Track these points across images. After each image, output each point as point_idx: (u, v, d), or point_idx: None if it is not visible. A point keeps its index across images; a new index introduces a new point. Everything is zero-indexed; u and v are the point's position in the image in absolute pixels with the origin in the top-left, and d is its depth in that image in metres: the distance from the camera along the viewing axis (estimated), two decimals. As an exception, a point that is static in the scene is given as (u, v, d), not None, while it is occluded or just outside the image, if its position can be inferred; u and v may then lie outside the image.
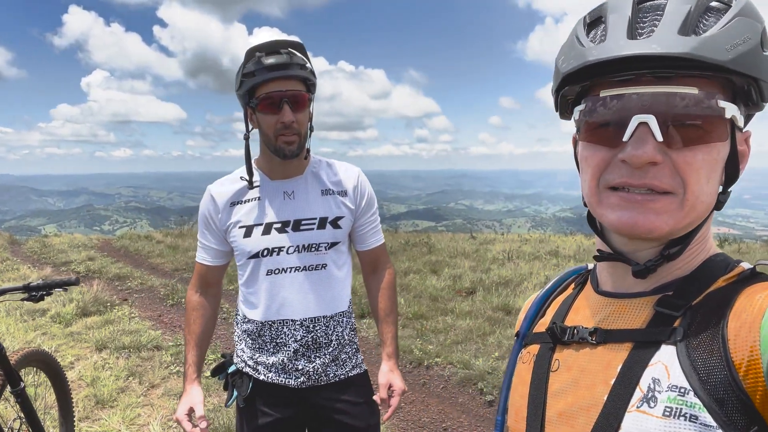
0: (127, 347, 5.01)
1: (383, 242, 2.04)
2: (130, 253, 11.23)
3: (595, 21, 0.71)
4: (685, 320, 0.64)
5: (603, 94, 0.66)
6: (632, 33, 0.63)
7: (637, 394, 0.63)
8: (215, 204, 1.85)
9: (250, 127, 1.81)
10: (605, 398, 0.66)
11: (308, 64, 1.77)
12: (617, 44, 0.63)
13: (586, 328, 0.73)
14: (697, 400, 0.58)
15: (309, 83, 1.77)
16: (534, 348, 0.82)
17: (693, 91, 0.62)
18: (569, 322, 0.79)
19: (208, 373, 2.14)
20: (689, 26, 0.62)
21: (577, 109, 0.71)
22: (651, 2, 0.66)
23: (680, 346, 0.62)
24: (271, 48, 1.73)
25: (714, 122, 0.63)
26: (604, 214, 0.68)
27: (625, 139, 0.64)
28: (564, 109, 0.77)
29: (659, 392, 0.61)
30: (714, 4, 0.65)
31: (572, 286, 0.88)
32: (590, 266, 0.90)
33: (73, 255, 10.22)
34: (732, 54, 0.60)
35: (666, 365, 0.62)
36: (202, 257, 1.93)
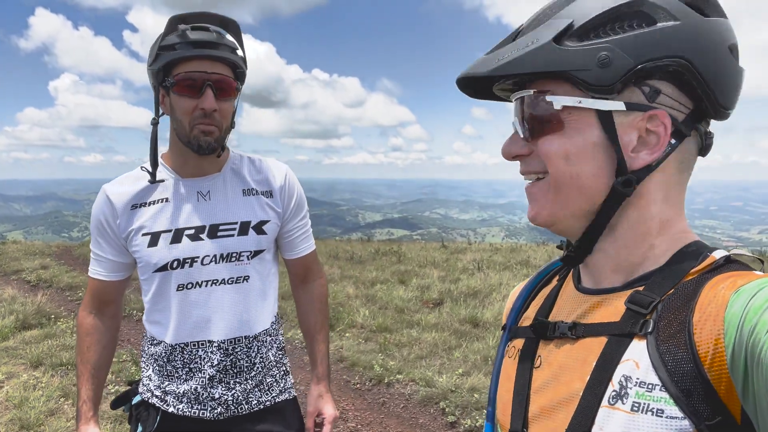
0: (64, 364, 4.65)
1: (314, 249, 1.79)
2: (89, 262, 10.75)
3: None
4: (656, 313, 0.66)
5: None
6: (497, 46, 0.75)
7: (610, 390, 0.65)
8: (112, 207, 1.56)
9: (161, 111, 1.53)
10: (581, 394, 0.68)
11: (239, 51, 1.53)
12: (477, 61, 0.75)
13: (565, 323, 0.76)
14: (664, 394, 0.60)
15: (238, 71, 1.53)
16: (519, 342, 0.84)
17: (529, 92, 0.72)
18: (552, 317, 0.81)
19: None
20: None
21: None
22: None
23: (650, 339, 0.64)
24: (201, 20, 1.48)
25: (551, 114, 0.70)
26: None
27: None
28: None
29: (630, 388, 0.63)
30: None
31: (557, 278, 0.90)
32: None
33: (26, 263, 9.70)
34: (505, 61, 0.70)
35: (636, 361, 0.64)
36: (96, 271, 1.63)
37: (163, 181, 1.57)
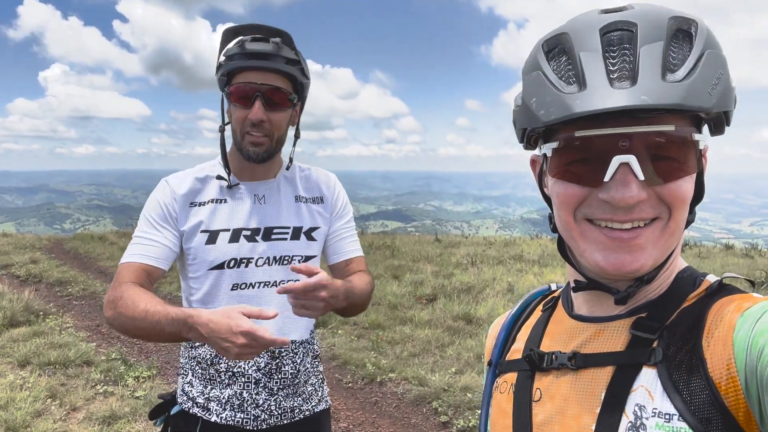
0: (52, 363, 4.57)
1: (362, 256, 1.75)
2: (80, 255, 10.68)
3: (554, 50, 0.69)
4: (663, 341, 0.65)
5: (579, 134, 0.64)
6: (610, 77, 0.62)
7: (624, 422, 0.63)
8: (174, 199, 1.54)
9: (226, 119, 1.57)
10: (593, 428, 0.65)
11: (302, 63, 1.54)
12: (603, 94, 0.61)
13: (564, 353, 0.73)
14: (682, 424, 0.59)
15: (297, 82, 1.53)
16: (510, 376, 0.81)
17: (670, 128, 0.62)
18: (544, 347, 0.78)
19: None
20: (668, 66, 0.61)
21: (549, 146, 0.69)
22: (617, 33, 0.64)
23: (660, 367, 0.63)
24: (254, 32, 1.51)
25: (690, 154, 0.64)
26: (587, 249, 0.68)
27: (606, 179, 0.63)
28: (528, 140, 0.76)
29: (646, 418, 0.61)
30: (677, 29, 0.64)
31: (539, 309, 0.88)
32: (553, 287, 0.92)
33: (16, 257, 9.60)
34: (715, 98, 0.61)
35: (648, 390, 0.63)
36: (145, 256, 1.48)
37: (238, 184, 1.59)
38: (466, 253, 10.82)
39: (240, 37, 1.51)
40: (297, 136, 1.65)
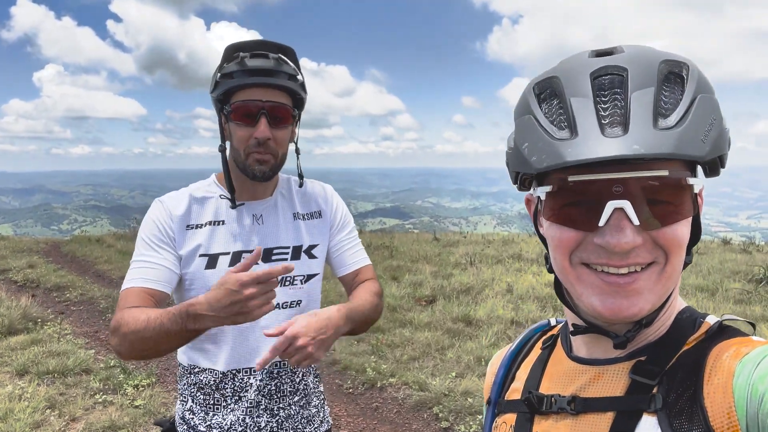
0: (51, 372, 4.55)
1: (369, 264, 1.72)
2: (77, 259, 10.64)
3: (546, 93, 0.69)
4: (663, 387, 0.64)
5: (572, 179, 0.64)
6: (601, 123, 0.62)
7: None
8: (171, 220, 1.50)
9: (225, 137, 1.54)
10: None
11: (299, 76, 1.51)
12: (595, 142, 0.61)
13: (563, 397, 0.72)
14: None
15: (297, 98, 1.51)
16: (510, 418, 0.80)
17: (664, 173, 0.62)
18: (544, 389, 0.78)
19: None
20: (659, 111, 0.61)
21: (542, 189, 0.69)
22: (607, 77, 0.65)
23: (661, 415, 0.62)
24: (258, 49, 1.47)
25: (685, 198, 0.64)
26: (583, 294, 0.67)
27: (600, 224, 0.63)
28: (522, 182, 0.76)
29: None
30: (669, 72, 0.64)
31: (539, 345, 0.87)
32: (552, 322, 0.91)
33: (13, 261, 9.56)
34: (708, 145, 0.61)
35: None
36: (144, 277, 1.42)
37: (242, 204, 1.56)
38: (464, 252, 10.81)
39: (239, 54, 1.46)
40: (297, 152, 1.63)
